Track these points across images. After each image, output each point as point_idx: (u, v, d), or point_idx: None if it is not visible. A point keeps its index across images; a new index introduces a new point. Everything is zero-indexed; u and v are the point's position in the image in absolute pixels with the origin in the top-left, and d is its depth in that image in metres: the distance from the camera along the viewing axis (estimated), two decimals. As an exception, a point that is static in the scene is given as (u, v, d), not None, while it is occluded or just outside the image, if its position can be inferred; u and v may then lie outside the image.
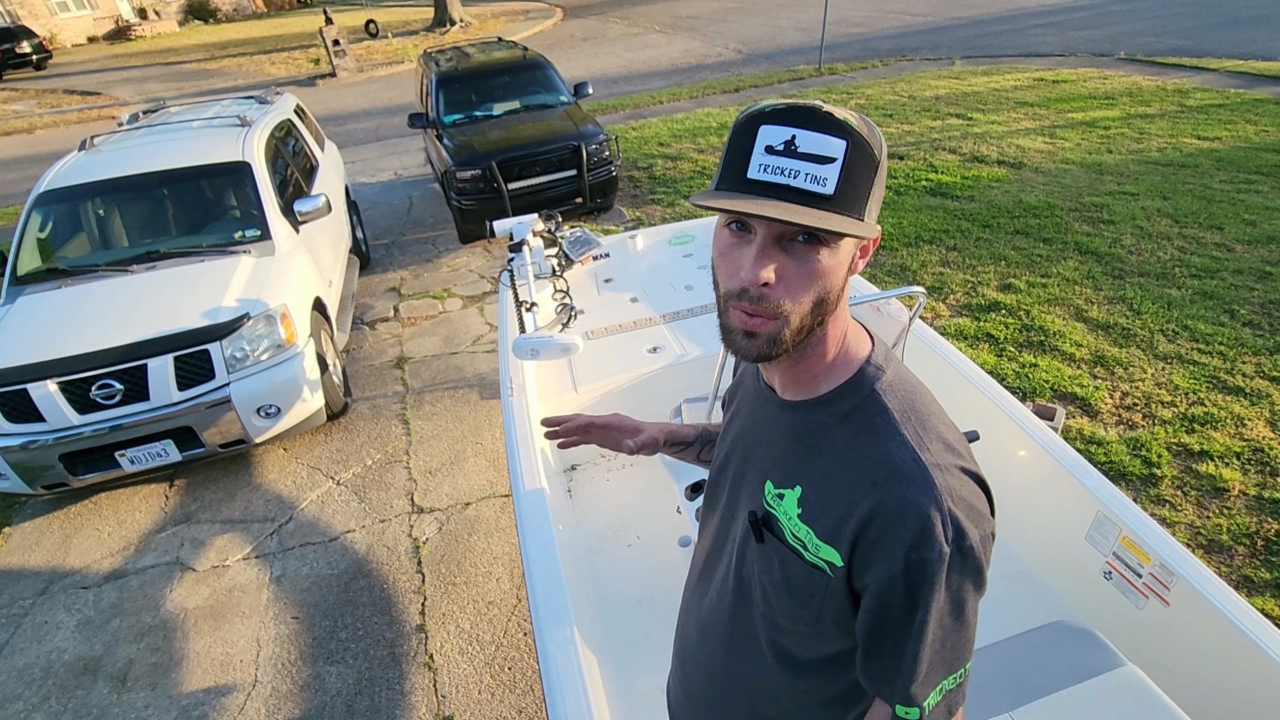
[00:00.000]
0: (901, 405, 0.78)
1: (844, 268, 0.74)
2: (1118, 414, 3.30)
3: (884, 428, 0.77)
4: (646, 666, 1.88)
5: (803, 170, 0.68)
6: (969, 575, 0.74)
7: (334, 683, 2.51)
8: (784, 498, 0.83)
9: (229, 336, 3.14)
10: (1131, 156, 6.32)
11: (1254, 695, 1.40)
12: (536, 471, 1.94)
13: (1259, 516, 2.70)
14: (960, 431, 0.80)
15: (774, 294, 0.72)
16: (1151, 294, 4.18)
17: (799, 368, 0.82)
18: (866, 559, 0.75)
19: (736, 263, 0.73)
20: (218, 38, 23.00)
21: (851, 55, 11.34)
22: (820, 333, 0.79)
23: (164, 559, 3.12)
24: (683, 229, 3.43)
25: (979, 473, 0.78)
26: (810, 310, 0.73)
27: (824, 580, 0.79)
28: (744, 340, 0.75)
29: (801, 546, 0.80)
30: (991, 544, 0.76)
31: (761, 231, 0.71)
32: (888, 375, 0.81)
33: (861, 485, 0.75)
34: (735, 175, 0.71)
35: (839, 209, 0.69)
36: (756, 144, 0.70)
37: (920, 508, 0.71)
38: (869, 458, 0.76)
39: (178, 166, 3.89)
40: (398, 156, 8.69)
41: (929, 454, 0.74)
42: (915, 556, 0.71)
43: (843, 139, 0.69)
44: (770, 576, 0.85)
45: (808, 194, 0.68)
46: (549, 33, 17.40)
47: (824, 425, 0.81)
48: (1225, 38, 10.28)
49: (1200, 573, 1.56)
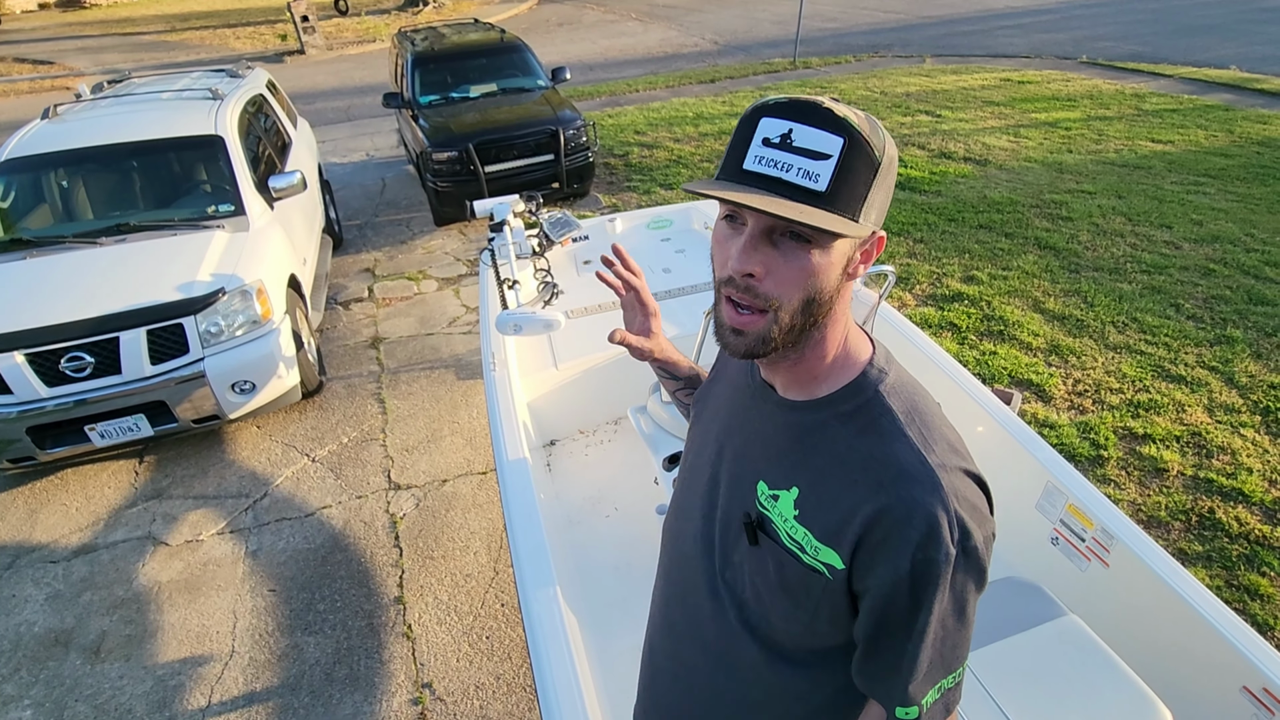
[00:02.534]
0: (905, 407, 0.78)
1: (836, 269, 0.73)
2: (1070, 399, 3.48)
3: (889, 429, 0.76)
4: (624, 629, 1.96)
5: (796, 164, 0.68)
6: (972, 575, 0.74)
7: (312, 652, 2.54)
8: (779, 499, 0.81)
9: (204, 311, 3.12)
10: (1090, 157, 6.57)
11: (1182, 643, 1.54)
12: (519, 441, 2.00)
13: (1194, 495, 2.89)
14: (959, 434, 0.80)
15: (762, 287, 0.72)
16: (1104, 288, 4.39)
17: (799, 368, 0.81)
18: (870, 560, 0.74)
19: (727, 252, 0.73)
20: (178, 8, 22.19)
21: (826, 50, 11.49)
22: (818, 334, 0.78)
23: (135, 534, 3.09)
24: (660, 213, 3.50)
25: (980, 474, 0.78)
26: (800, 308, 0.73)
27: (821, 582, 0.78)
28: (732, 337, 0.75)
29: (799, 548, 0.79)
30: (992, 544, 0.76)
31: (751, 223, 0.71)
32: (890, 378, 0.80)
33: (866, 486, 0.74)
34: (733, 165, 0.72)
35: (831, 207, 0.68)
36: (755, 135, 0.71)
37: (928, 509, 0.71)
38: (874, 458, 0.75)
39: (148, 138, 3.82)
40: (370, 137, 8.57)
41: (934, 455, 0.74)
42: (921, 557, 0.71)
43: (840, 136, 0.68)
44: (764, 579, 0.83)
45: (799, 189, 0.68)
46: (524, 16, 17.22)
47: (825, 426, 0.80)
48: (1180, 44, 10.68)
49: (1137, 537, 1.69)
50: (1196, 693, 1.50)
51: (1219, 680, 1.48)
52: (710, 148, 7.30)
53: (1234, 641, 1.46)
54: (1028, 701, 1.30)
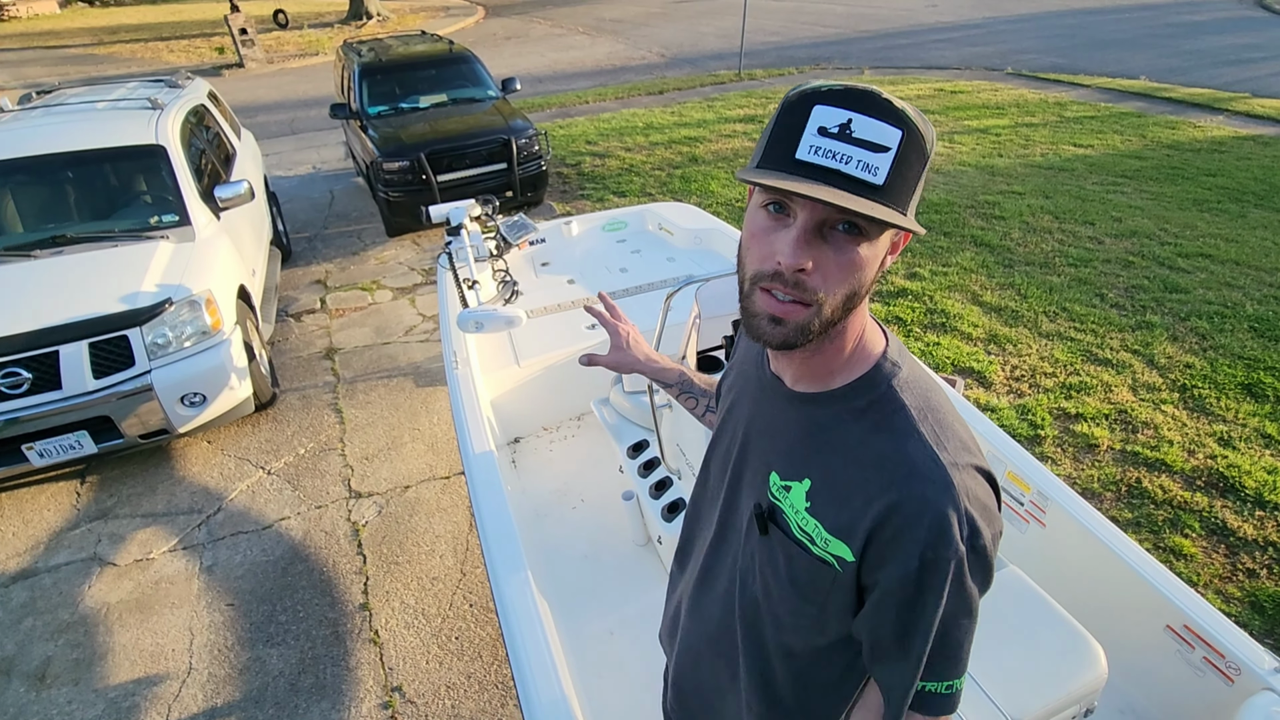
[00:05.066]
0: (918, 402, 0.77)
1: (879, 261, 0.72)
2: (1008, 384, 3.68)
3: (901, 425, 0.75)
4: (593, 613, 2.00)
5: (855, 156, 0.65)
6: (980, 573, 0.74)
7: (275, 664, 2.49)
8: (790, 490, 0.81)
9: (150, 322, 3.03)
10: (1019, 160, 6.95)
11: (1112, 589, 1.66)
12: (485, 436, 2.03)
13: (1123, 467, 3.09)
14: (970, 429, 0.80)
15: (810, 281, 0.69)
16: (1036, 280, 4.65)
17: (815, 360, 0.80)
18: (880, 556, 0.74)
19: (771, 246, 0.70)
20: (106, 21, 21.38)
21: (769, 62, 11.83)
22: (842, 325, 0.76)
23: (80, 555, 2.97)
24: (615, 215, 3.57)
25: (990, 470, 0.77)
26: (843, 302, 0.71)
27: (831, 574, 0.78)
28: (769, 326, 0.72)
29: (809, 540, 0.79)
30: (999, 540, 0.76)
31: (803, 215, 0.68)
32: (904, 372, 0.79)
33: (878, 482, 0.74)
34: (782, 154, 0.68)
35: (886, 200, 0.66)
36: (809, 124, 0.67)
37: (939, 507, 0.71)
38: (886, 455, 0.74)
39: (85, 148, 3.70)
40: (315, 150, 8.43)
41: (946, 453, 0.73)
42: (931, 555, 0.70)
43: (900, 129, 0.66)
44: (773, 569, 0.84)
45: (857, 181, 0.65)
46: (471, 30, 17.19)
47: (838, 420, 0.79)
48: (1095, 57, 11.39)
49: (1070, 497, 1.83)
50: (1126, 633, 1.62)
51: (1146, 621, 1.61)
52: (661, 156, 7.43)
53: (1156, 585, 1.59)
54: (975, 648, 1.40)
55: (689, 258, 3.29)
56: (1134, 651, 1.56)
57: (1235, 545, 2.69)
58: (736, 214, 5.89)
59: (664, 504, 1.92)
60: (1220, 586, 2.55)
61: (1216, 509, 2.84)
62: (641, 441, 2.18)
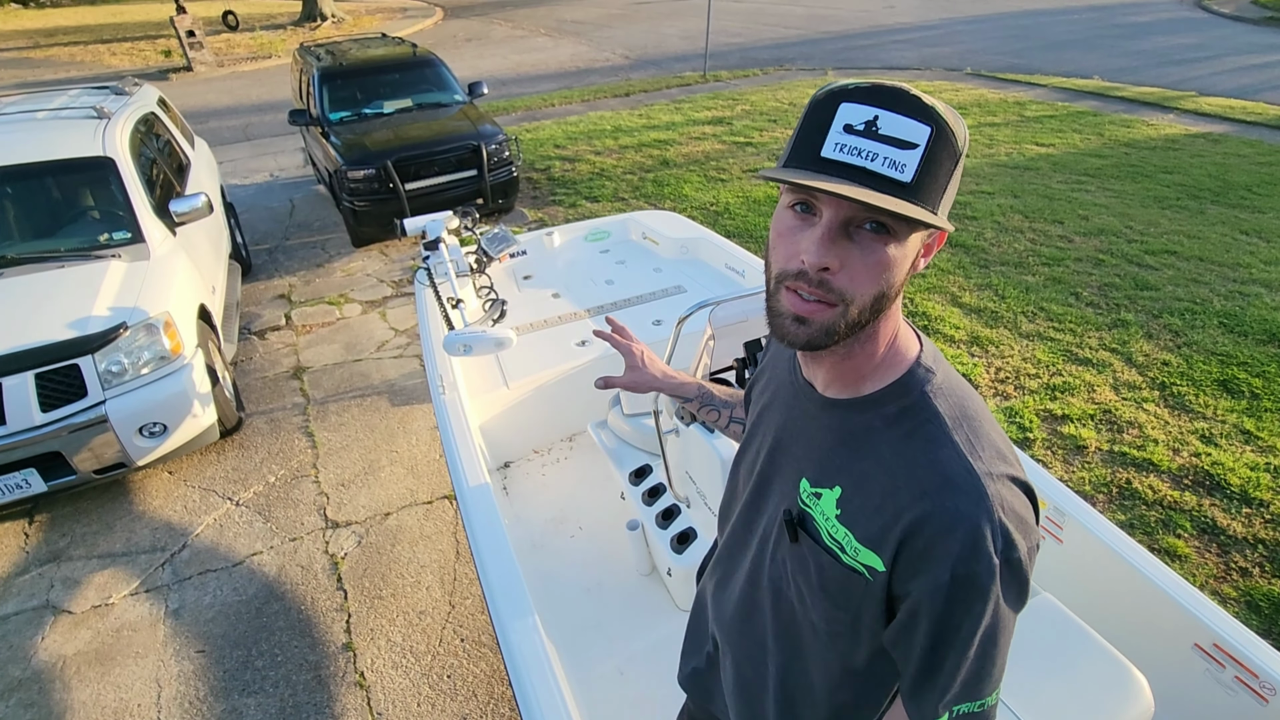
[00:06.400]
0: (953, 410, 0.75)
1: (908, 262, 0.71)
2: (994, 387, 3.69)
3: (935, 434, 0.73)
4: (601, 652, 1.89)
5: (882, 153, 0.64)
6: (1014, 588, 0.71)
7: (253, 714, 2.33)
8: (821, 497, 0.80)
9: (103, 349, 2.82)
10: (985, 160, 7.05)
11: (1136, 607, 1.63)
12: (478, 466, 1.91)
13: (1112, 468, 3.11)
14: (1008, 438, 0.78)
15: (836, 281, 0.68)
16: (1012, 280, 4.69)
17: (846, 364, 0.78)
18: (911, 567, 0.72)
19: (797, 245, 0.69)
20: (43, 23, 20.38)
21: (734, 63, 11.84)
22: (872, 329, 0.74)
23: (30, 604, 2.75)
24: (598, 225, 3.47)
25: (1028, 481, 0.75)
26: (870, 304, 0.70)
27: (862, 583, 0.76)
28: (794, 325, 0.71)
29: (839, 549, 0.77)
30: (1036, 554, 0.73)
31: (829, 214, 0.67)
32: (938, 378, 0.77)
33: (910, 492, 0.72)
34: (808, 152, 0.67)
35: (915, 199, 0.65)
36: (835, 121, 0.66)
37: (971, 519, 0.68)
38: (919, 464, 0.72)
39: (23, 162, 3.44)
40: (273, 157, 8.12)
41: (981, 463, 0.71)
42: (963, 570, 0.68)
43: (928, 125, 0.64)
44: (805, 577, 0.82)
45: (884, 179, 0.64)
46: (430, 32, 16.86)
47: (870, 427, 0.77)
48: (1050, 57, 11.69)
49: (1087, 512, 1.79)
50: (1152, 653, 1.59)
51: (1172, 640, 1.58)
52: (632, 159, 7.34)
53: (1182, 602, 1.56)
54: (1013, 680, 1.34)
55: (676, 268, 3.21)
56: (1161, 672, 1.52)
57: (1226, 544, 2.72)
58: (712, 218, 5.84)
59: (673, 534, 1.83)
60: (1216, 587, 2.57)
61: (1205, 508, 2.87)
62: (644, 467, 2.08)
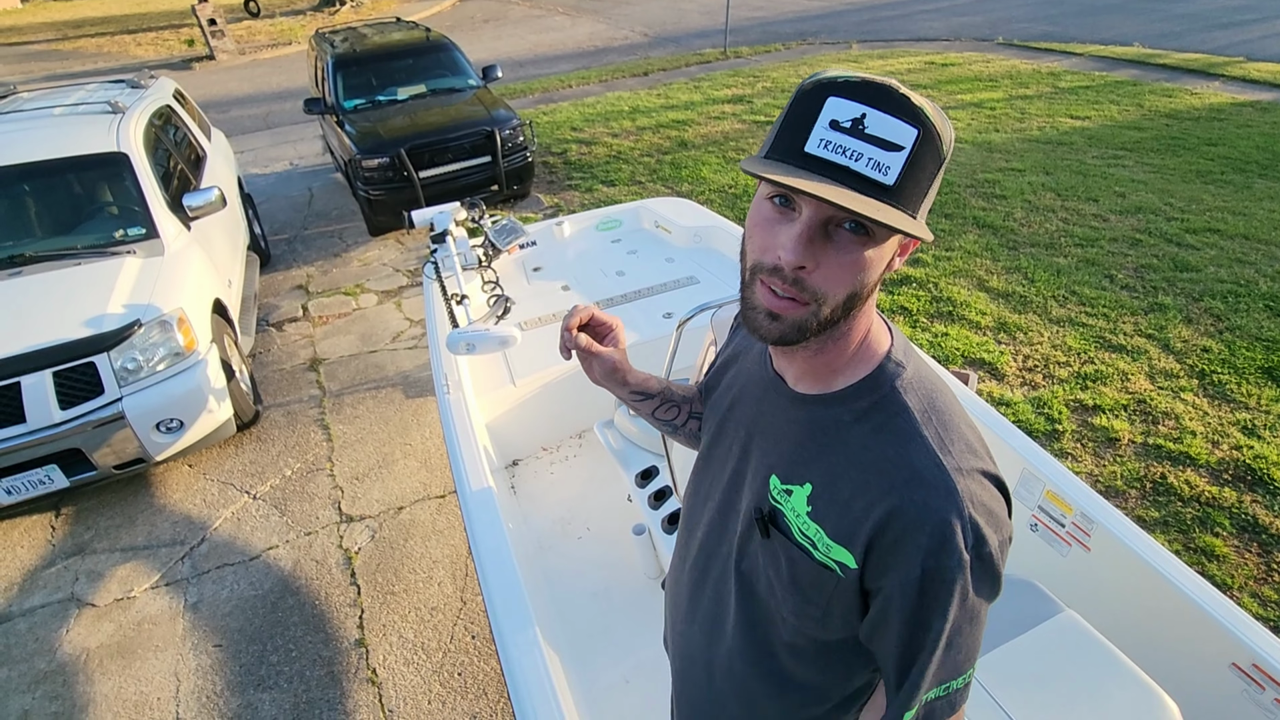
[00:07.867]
0: (922, 404, 0.75)
1: (884, 263, 0.70)
2: (1021, 376, 3.55)
3: (904, 428, 0.73)
4: (608, 660, 1.86)
5: (867, 154, 0.63)
6: (985, 582, 0.71)
7: (268, 709, 2.35)
8: (792, 494, 0.79)
9: (118, 346, 2.84)
10: (1016, 135, 6.78)
11: (1168, 622, 1.54)
12: (481, 470, 1.87)
13: (1146, 462, 2.98)
14: (979, 431, 0.77)
15: (810, 279, 0.67)
16: (1042, 263, 4.51)
17: (818, 360, 0.78)
18: (882, 563, 0.72)
19: (774, 239, 0.68)
20: (70, 15, 20.66)
21: (754, 39, 11.55)
22: (845, 325, 0.74)
23: (56, 596, 2.81)
24: (609, 214, 3.39)
25: (999, 475, 0.75)
26: (843, 303, 0.69)
27: (833, 579, 0.76)
28: (766, 320, 0.70)
29: (810, 545, 0.77)
30: (1008, 548, 0.73)
31: (808, 212, 0.66)
32: (908, 372, 0.77)
33: (879, 487, 0.72)
34: (791, 146, 0.66)
35: (896, 202, 0.64)
36: (821, 116, 0.64)
37: (940, 514, 0.68)
38: (888, 459, 0.72)
39: (40, 159, 3.46)
40: (292, 145, 8.14)
41: (950, 457, 0.71)
42: (933, 563, 0.69)
43: (916, 128, 0.63)
44: (776, 572, 0.82)
45: (866, 180, 0.63)
46: (448, 14, 16.73)
47: (839, 423, 0.77)
48: (1086, 23, 11.19)
49: (1117, 519, 1.69)
50: (1185, 672, 1.50)
51: (1207, 659, 1.48)
52: (650, 141, 7.21)
53: (1219, 619, 1.46)
54: (1036, 706, 1.27)
55: (689, 258, 3.12)
56: (1194, 693, 1.44)
57: (1268, 543, 2.59)
58: (731, 201, 5.71)
59: (679, 540, 1.78)
60: (1256, 589, 2.44)
61: (1246, 504, 2.74)
62: (650, 468, 2.03)
